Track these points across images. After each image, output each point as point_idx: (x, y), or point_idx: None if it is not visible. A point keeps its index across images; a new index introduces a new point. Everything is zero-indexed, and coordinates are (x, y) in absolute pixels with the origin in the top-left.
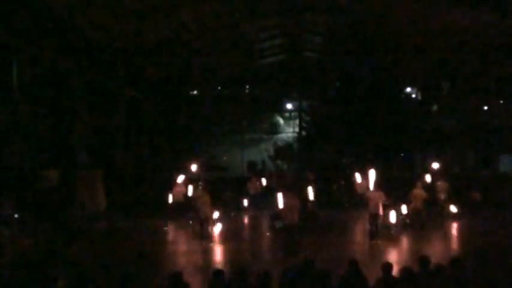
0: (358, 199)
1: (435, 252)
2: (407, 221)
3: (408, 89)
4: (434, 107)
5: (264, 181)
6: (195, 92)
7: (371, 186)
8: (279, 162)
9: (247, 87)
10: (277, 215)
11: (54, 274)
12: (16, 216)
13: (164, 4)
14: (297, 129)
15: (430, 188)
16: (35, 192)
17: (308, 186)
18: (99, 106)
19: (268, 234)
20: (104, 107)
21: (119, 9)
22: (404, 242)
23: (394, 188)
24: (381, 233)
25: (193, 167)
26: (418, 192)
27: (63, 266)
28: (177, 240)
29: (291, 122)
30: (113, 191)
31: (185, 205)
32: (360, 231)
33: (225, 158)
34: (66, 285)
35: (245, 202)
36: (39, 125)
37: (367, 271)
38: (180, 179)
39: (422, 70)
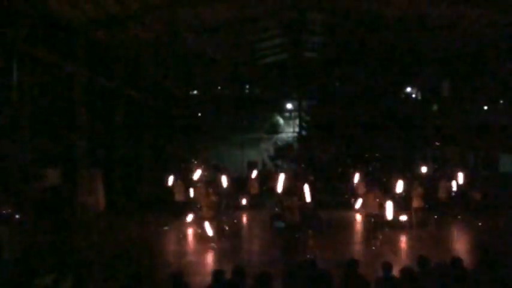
0: (357, 199)
1: (435, 252)
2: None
3: (408, 89)
4: (434, 107)
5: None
6: (195, 92)
7: (370, 186)
8: (279, 162)
9: (247, 87)
10: (277, 215)
11: (55, 274)
12: (16, 216)
13: (164, 3)
14: (297, 129)
15: (430, 187)
16: (35, 191)
17: (308, 186)
18: (99, 106)
19: (268, 234)
20: (104, 106)
21: (119, 8)
22: (404, 242)
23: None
24: (380, 232)
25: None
26: (418, 191)
27: (63, 265)
28: (177, 240)
29: (291, 122)
30: (113, 190)
31: (186, 205)
32: (359, 231)
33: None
34: (67, 285)
35: (245, 202)
36: (39, 125)
37: (367, 271)
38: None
39: (422, 70)
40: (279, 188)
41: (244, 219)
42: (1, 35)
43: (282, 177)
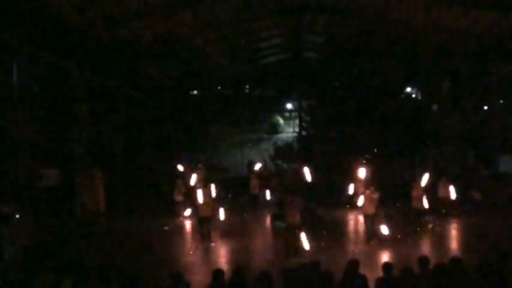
0: (357, 199)
1: (435, 252)
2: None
3: (408, 89)
4: (434, 107)
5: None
6: (195, 92)
7: (368, 187)
8: (279, 162)
9: (247, 87)
10: (277, 215)
11: (55, 274)
12: (16, 216)
13: (164, 3)
14: (297, 129)
15: (430, 187)
16: (35, 191)
17: (308, 186)
18: (99, 106)
19: (268, 234)
20: (104, 107)
21: (119, 8)
22: (404, 242)
23: (394, 189)
24: (378, 233)
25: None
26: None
27: (63, 265)
28: (177, 240)
29: (291, 122)
30: (112, 190)
31: (185, 205)
32: (359, 231)
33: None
34: (67, 285)
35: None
36: (39, 125)
37: (367, 271)
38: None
39: (422, 70)
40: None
41: (244, 219)
42: (1, 35)
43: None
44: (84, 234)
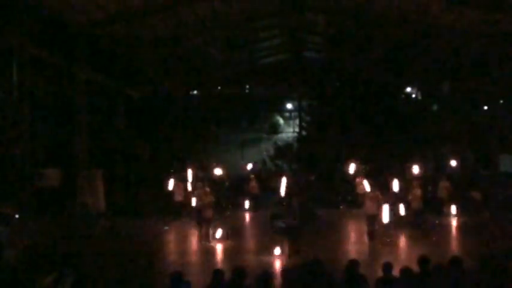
0: (358, 199)
1: (435, 252)
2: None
3: (408, 89)
4: (434, 107)
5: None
6: (195, 92)
7: (369, 187)
8: (279, 162)
9: (247, 87)
10: (277, 215)
11: (55, 274)
12: (16, 216)
13: (164, 3)
14: (297, 129)
15: (431, 187)
16: (35, 191)
17: (308, 186)
18: (99, 106)
19: (268, 234)
20: (104, 107)
21: (119, 8)
22: (404, 242)
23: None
24: (379, 233)
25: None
26: (417, 191)
27: (63, 266)
28: (177, 240)
29: (291, 122)
30: (113, 190)
31: (185, 205)
32: (359, 231)
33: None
34: (67, 285)
35: (245, 202)
36: (39, 125)
37: (367, 271)
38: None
39: (422, 70)
40: (282, 190)
41: (244, 219)
42: (1, 35)
43: (284, 180)
44: (84, 234)
